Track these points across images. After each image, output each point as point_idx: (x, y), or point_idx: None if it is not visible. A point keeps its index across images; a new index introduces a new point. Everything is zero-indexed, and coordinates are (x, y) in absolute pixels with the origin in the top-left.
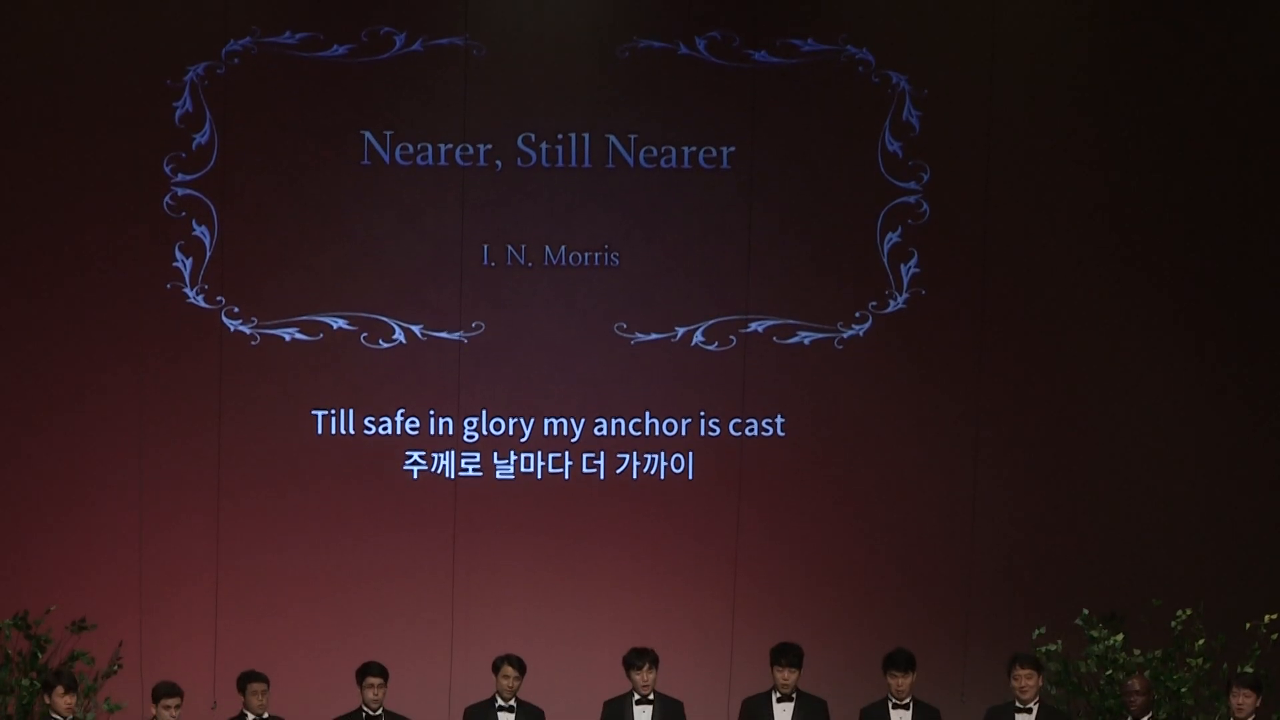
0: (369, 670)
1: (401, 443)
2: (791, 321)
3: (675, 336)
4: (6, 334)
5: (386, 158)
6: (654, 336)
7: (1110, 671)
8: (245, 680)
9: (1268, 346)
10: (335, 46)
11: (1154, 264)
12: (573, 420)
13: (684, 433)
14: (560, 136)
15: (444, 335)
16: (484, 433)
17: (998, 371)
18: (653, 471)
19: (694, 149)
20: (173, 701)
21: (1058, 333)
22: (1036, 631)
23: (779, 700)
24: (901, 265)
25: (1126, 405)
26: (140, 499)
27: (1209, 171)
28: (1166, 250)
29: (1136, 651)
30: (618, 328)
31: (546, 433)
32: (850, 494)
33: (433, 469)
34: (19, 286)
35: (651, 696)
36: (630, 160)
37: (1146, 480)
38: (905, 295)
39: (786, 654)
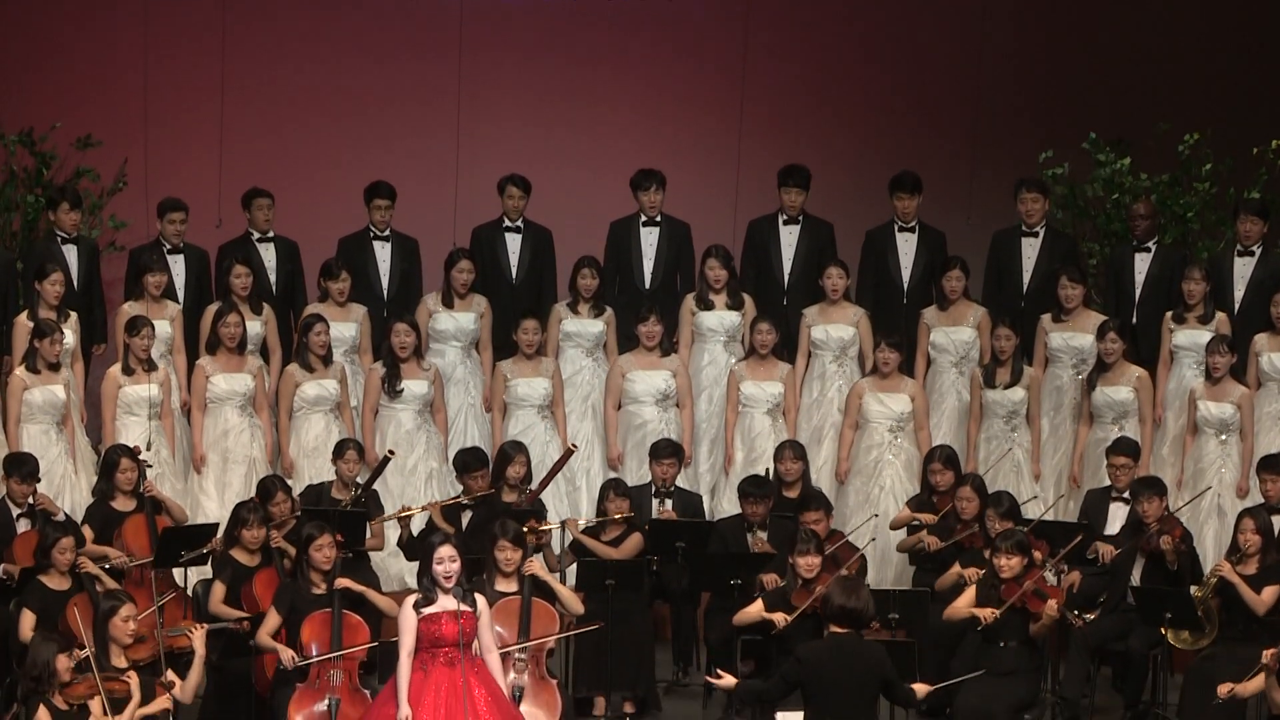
0: (378, 191)
1: None
2: None
3: None
4: None
5: None
6: None
7: (1116, 195)
8: (250, 197)
9: None
10: None
11: None
12: None
13: None
14: None
15: None
16: None
17: None
18: None
19: None
20: (177, 216)
21: None
22: (1043, 155)
23: (785, 223)
24: None
25: None
26: (146, 16)
27: None
28: None
29: (1143, 175)
30: None
31: None
32: (859, 14)
33: None
34: None
35: (658, 218)
36: None
37: (1155, 3)
38: None
39: (794, 175)
